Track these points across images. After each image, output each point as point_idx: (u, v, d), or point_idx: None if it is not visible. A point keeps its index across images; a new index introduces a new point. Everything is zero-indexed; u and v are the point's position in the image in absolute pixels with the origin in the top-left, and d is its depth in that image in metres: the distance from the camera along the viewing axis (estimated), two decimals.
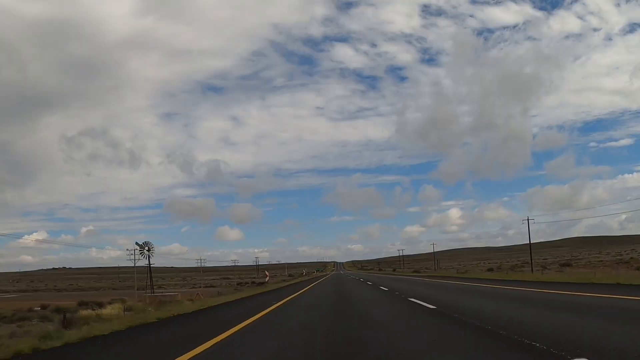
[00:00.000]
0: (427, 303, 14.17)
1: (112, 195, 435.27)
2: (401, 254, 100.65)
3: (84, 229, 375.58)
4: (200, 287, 77.10)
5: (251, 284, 57.57)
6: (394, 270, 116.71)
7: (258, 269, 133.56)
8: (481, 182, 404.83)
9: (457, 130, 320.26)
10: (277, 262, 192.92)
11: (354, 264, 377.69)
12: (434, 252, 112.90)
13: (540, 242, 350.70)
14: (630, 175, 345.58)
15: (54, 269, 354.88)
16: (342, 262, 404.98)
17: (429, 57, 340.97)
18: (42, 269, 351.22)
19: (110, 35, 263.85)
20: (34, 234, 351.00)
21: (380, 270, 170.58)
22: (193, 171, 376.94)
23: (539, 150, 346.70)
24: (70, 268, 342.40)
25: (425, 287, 27.63)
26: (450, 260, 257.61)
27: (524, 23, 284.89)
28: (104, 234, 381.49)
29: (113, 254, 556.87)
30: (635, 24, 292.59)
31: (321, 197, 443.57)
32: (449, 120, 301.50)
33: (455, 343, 7.19)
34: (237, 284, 61.01)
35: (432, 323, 9.88)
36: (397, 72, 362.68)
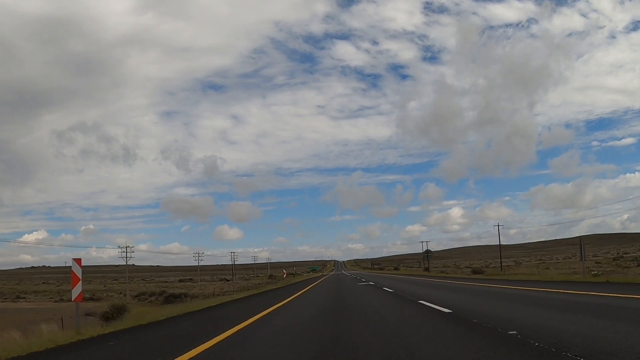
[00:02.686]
0: None
1: (112, 194, 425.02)
2: (426, 249, 68.39)
3: (83, 228, 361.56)
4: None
5: (171, 299, 30.05)
6: (426, 269, 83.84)
7: (235, 268, 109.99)
8: (483, 181, 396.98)
9: (458, 129, 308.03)
10: (258, 261, 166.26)
11: (357, 262, 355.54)
12: (499, 244, 76.45)
13: (557, 239, 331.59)
14: (632, 174, 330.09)
15: (32, 267, 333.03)
16: (344, 261, 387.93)
17: (431, 55, 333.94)
18: (19, 268, 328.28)
19: (109, 33, 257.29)
20: (34, 233, 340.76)
21: (396, 269, 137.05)
22: (193, 170, 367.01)
23: (540, 149, 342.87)
24: (48, 267, 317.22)
25: None
26: (464, 259, 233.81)
27: (527, 20, 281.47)
28: (104, 233, 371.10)
29: (113, 253, 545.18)
30: (639, 21, 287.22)
31: (322, 196, 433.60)
32: (451, 119, 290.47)
33: None
34: (136, 296, 33.80)
35: None
36: (399, 70, 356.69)
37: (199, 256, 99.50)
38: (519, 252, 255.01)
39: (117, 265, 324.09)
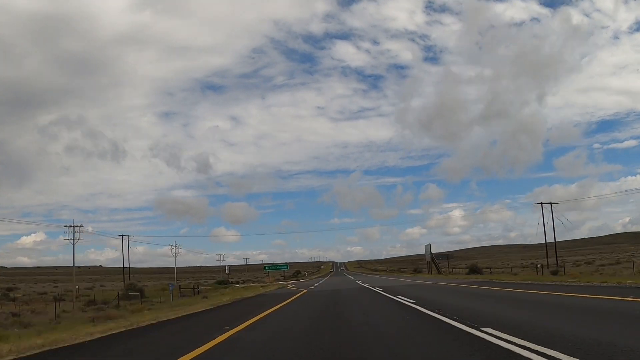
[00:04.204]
0: None
1: (110, 196, 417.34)
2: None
3: (82, 230, 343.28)
4: None
5: None
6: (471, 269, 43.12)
7: (220, 270, 76.85)
8: (484, 182, 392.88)
9: (460, 130, 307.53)
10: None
11: (360, 263, 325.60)
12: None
13: (564, 240, 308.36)
14: (634, 177, 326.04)
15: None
16: (344, 262, 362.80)
17: (433, 55, 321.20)
18: None
19: (105, 31, 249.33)
20: (32, 235, 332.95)
21: (417, 272, 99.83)
22: (192, 172, 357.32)
23: (542, 151, 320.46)
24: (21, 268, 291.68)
25: None
26: (488, 259, 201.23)
27: (530, 20, 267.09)
28: (103, 235, 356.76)
29: (112, 254, 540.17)
30: None
31: (321, 198, 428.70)
32: (452, 119, 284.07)
33: None
34: None
35: None
36: (400, 71, 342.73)
37: (73, 249, 64.67)
38: (534, 254, 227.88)
39: (99, 266, 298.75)
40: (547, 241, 65.22)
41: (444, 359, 6.77)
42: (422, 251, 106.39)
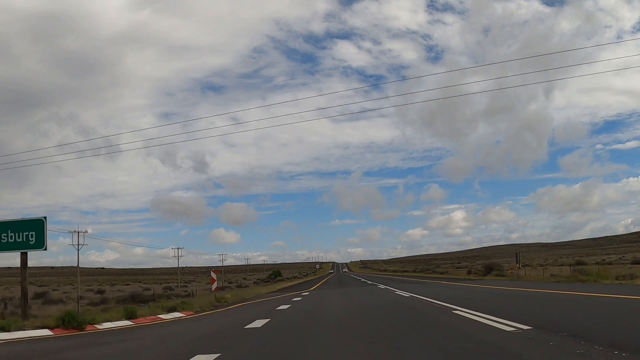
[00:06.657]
0: None
1: (110, 197, 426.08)
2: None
3: (82, 231, 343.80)
4: None
5: None
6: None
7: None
8: (486, 183, 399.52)
9: (463, 132, 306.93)
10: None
11: (365, 263, 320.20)
12: None
13: (565, 241, 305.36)
14: (636, 178, 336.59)
15: None
16: (346, 263, 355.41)
17: (435, 55, 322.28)
18: None
19: (105, 30, 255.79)
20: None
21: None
22: (192, 173, 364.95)
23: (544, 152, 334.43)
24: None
25: None
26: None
27: (532, 19, 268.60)
28: (102, 237, 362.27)
29: (112, 256, 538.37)
30: None
31: (322, 199, 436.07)
32: (453, 121, 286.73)
33: None
34: None
35: None
36: (401, 71, 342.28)
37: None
38: (559, 252, 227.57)
39: (98, 268, 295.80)
40: None
41: None
42: (423, 252, 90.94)
